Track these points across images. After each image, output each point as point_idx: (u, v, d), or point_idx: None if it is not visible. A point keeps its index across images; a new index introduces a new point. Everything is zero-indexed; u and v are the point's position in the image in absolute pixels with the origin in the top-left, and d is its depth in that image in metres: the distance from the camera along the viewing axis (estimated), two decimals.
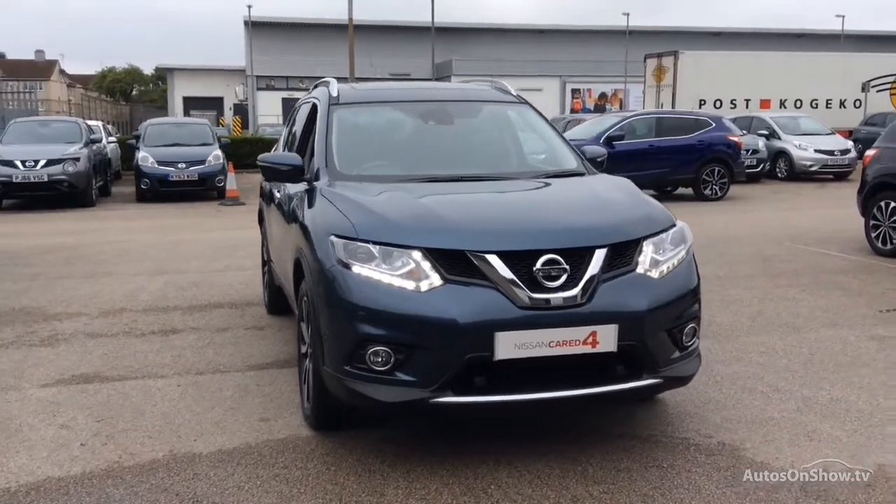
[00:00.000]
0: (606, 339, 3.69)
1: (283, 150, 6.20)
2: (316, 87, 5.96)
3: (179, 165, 16.92)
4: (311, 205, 4.39)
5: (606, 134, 15.45)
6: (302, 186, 4.75)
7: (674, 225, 4.22)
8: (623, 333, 3.71)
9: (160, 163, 16.90)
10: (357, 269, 3.73)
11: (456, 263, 3.68)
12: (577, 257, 3.74)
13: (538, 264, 3.66)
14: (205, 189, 17.01)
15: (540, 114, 5.53)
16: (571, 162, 5.09)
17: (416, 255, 3.69)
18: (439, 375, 3.60)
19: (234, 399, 4.78)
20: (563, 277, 3.68)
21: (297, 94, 51.08)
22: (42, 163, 15.41)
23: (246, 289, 7.88)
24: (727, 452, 4.01)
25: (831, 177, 20.96)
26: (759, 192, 17.94)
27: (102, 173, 18.15)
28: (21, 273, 8.89)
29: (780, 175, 20.91)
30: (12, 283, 8.33)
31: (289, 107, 52.56)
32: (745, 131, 20.28)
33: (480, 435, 4.19)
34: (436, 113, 5.34)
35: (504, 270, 3.64)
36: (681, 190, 16.88)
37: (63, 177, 15.44)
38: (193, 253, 10.26)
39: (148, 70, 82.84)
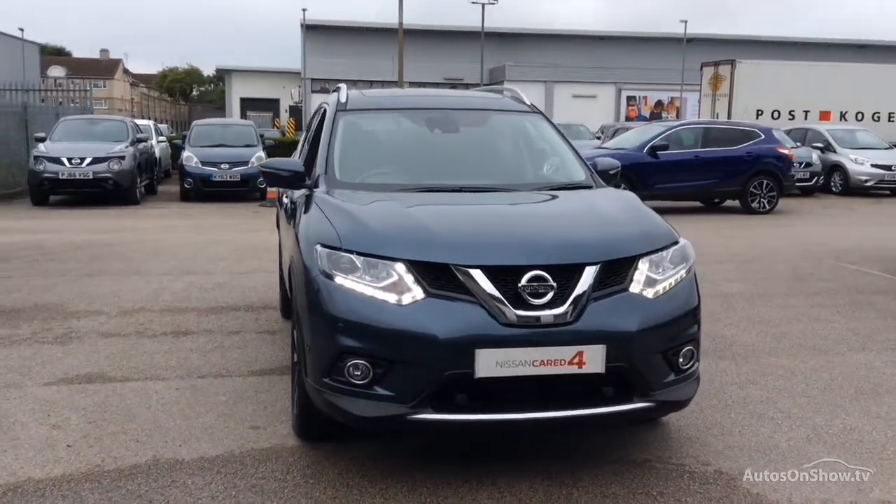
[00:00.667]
0: (594, 359, 3.55)
1: (300, 156, 6.16)
2: (333, 92, 5.91)
3: (223, 166, 17.11)
4: (305, 212, 4.33)
5: (650, 143, 15.16)
6: (302, 193, 4.70)
7: (675, 242, 4.05)
8: (611, 354, 3.56)
9: (204, 163, 17.11)
10: (340, 279, 3.65)
11: (440, 277, 3.58)
12: (566, 274, 3.60)
13: (523, 280, 3.54)
14: (247, 190, 17.13)
15: (552, 124, 5.39)
16: (580, 174, 4.95)
17: (400, 267, 3.60)
18: (418, 391, 3.50)
19: (228, 405, 4.73)
20: (550, 295, 3.55)
21: None
22: (88, 160, 15.70)
23: (267, 292, 7.87)
24: (723, 482, 3.82)
25: (888, 193, 20.29)
26: (811, 207, 17.44)
27: (148, 172, 18.43)
28: (52, 269, 9.02)
29: (834, 189, 20.30)
30: (42, 278, 8.46)
31: None
32: (798, 144, 19.80)
33: (471, 454, 4.07)
34: (442, 121, 5.24)
35: (488, 286, 3.52)
36: (729, 203, 16.50)
37: (108, 174, 15.72)
38: (224, 254, 10.31)
39: (209, 71, 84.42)
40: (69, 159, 15.65)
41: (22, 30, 54.28)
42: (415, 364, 3.51)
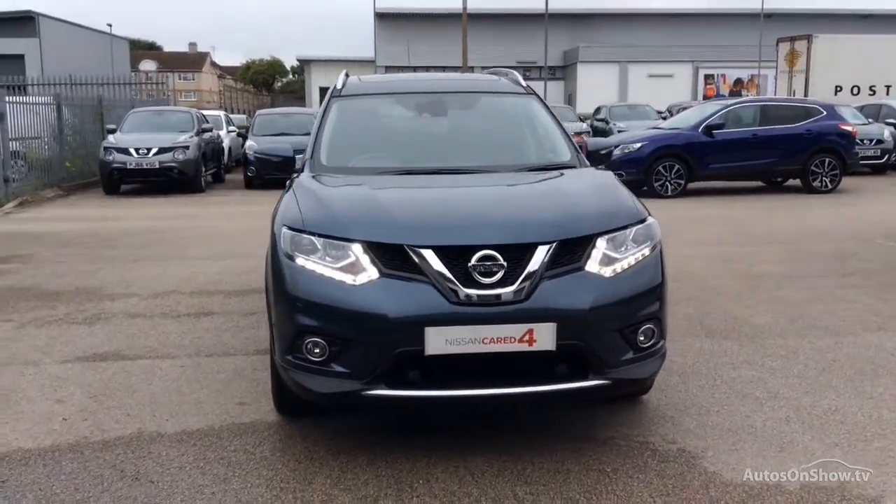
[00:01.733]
0: (544, 337, 3.60)
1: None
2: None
3: None
4: (282, 196, 4.49)
5: (706, 122, 14.86)
6: (291, 178, 4.86)
7: (641, 221, 4.05)
8: (563, 332, 3.61)
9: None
10: (301, 260, 3.79)
11: (394, 258, 3.68)
12: (518, 253, 3.66)
13: (473, 260, 3.61)
14: None
15: (545, 105, 5.40)
16: (565, 155, 4.96)
17: (357, 248, 3.71)
18: (372, 368, 3.62)
19: (224, 382, 4.95)
20: (501, 274, 3.61)
21: None
22: (154, 150, 16.29)
23: None
24: (682, 460, 3.83)
25: None
26: (878, 185, 16.81)
27: (215, 161, 18.99)
28: (102, 254, 9.47)
29: None
30: (89, 264, 8.89)
31: None
32: (870, 120, 19.09)
33: (439, 431, 4.18)
34: (431, 105, 5.32)
35: (438, 265, 3.60)
36: (792, 182, 16.05)
37: (173, 164, 16.28)
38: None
39: (291, 62, 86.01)
40: (136, 149, 16.26)
41: (110, 25, 56.24)
42: (368, 342, 3.62)
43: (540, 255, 3.66)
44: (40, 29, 52.83)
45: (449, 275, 3.59)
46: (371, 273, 3.66)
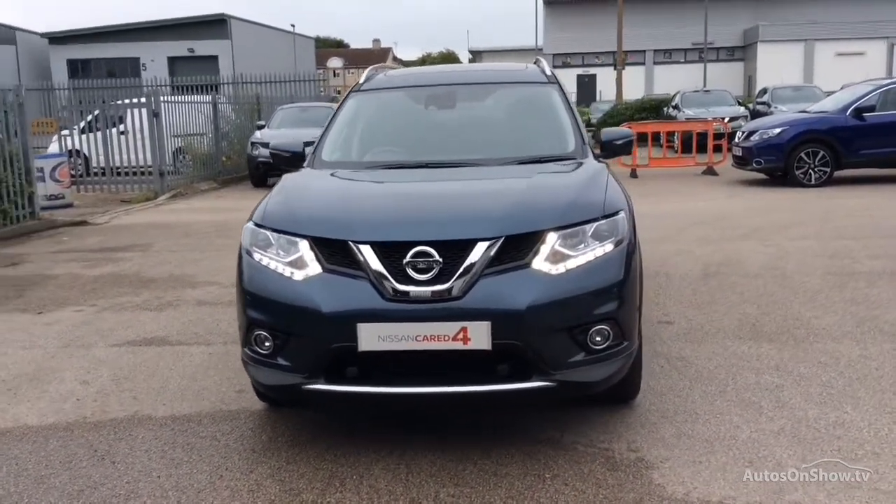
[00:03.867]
0: (478, 336, 3.51)
1: None
2: None
3: None
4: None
5: (855, 105, 13.71)
6: None
7: (607, 216, 3.85)
8: (498, 331, 3.51)
9: None
10: (257, 255, 3.89)
11: (336, 253, 3.71)
12: (455, 250, 3.59)
13: (408, 256, 3.57)
14: None
15: (563, 95, 5.19)
16: (568, 147, 4.77)
17: (304, 244, 3.77)
18: (311, 362, 3.67)
19: (237, 370, 5.10)
20: (436, 270, 3.56)
21: (591, 71, 50.83)
22: None
23: None
24: (633, 471, 3.62)
25: None
26: None
27: None
28: (212, 244, 10.07)
29: None
30: (198, 252, 9.49)
31: (583, 84, 52.65)
32: None
33: (417, 427, 4.14)
34: (441, 98, 5.27)
35: (374, 261, 3.60)
36: None
37: None
38: None
39: (466, 55, 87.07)
40: None
41: (293, 25, 59.16)
42: (306, 336, 3.68)
43: (478, 252, 3.57)
44: (231, 30, 56.39)
45: (384, 271, 3.58)
46: (314, 269, 3.71)
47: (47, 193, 14.58)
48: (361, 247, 3.64)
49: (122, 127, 17.10)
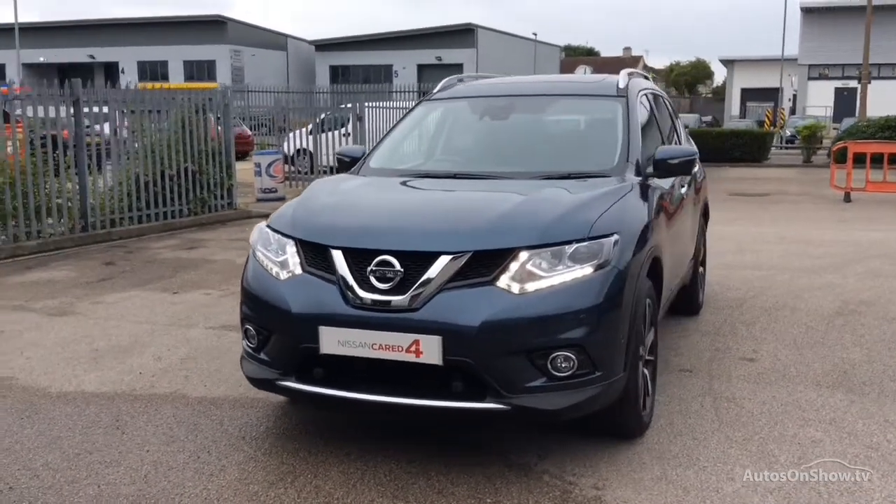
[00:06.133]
0: (430, 350, 3.48)
1: None
2: None
3: None
4: None
5: None
6: None
7: (591, 238, 3.64)
8: (450, 347, 3.46)
9: None
10: (259, 254, 4.09)
11: (316, 257, 3.82)
12: (418, 262, 3.57)
13: (372, 264, 3.61)
14: None
15: (626, 109, 4.87)
16: (609, 163, 4.52)
17: (292, 245, 3.92)
18: (285, 360, 3.81)
19: None
20: (396, 280, 3.57)
21: (850, 84, 46.90)
22: None
23: None
24: (556, 493, 3.41)
25: None
26: None
27: None
28: None
29: None
30: None
31: (841, 98, 48.58)
32: None
33: (392, 435, 4.15)
34: (495, 109, 5.19)
35: (342, 267, 3.67)
36: None
37: None
38: None
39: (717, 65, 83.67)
40: None
41: (535, 34, 59.88)
42: (280, 334, 3.83)
43: (439, 265, 3.54)
44: (478, 39, 58.07)
45: (350, 277, 3.64)
46: (295, 270, 3.85)
47: (262, 187, 15.92)
48: (334, 252, 3.72)
49: (345, 129, 18.30)
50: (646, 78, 6.34)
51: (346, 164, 5.19)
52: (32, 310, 6.87)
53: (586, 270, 3.57)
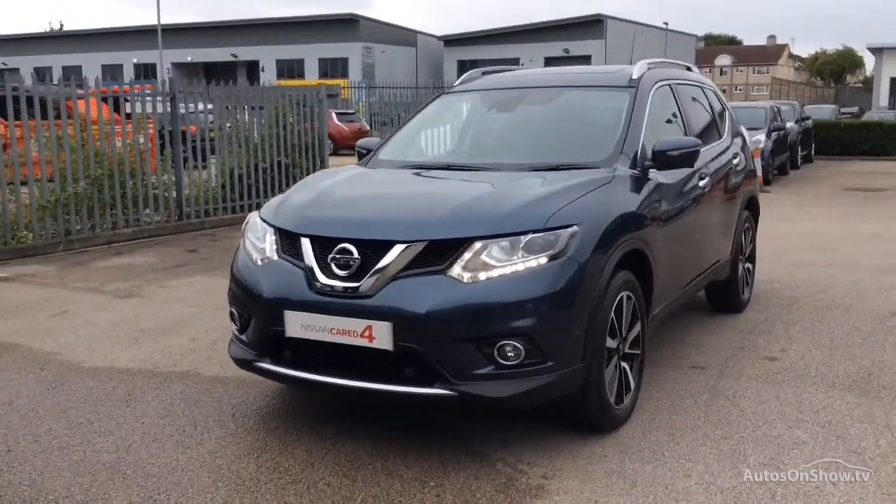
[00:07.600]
0: (381, 336, 3.59)
1: None
2: None
3: None
4: None
5: None
6: None
7: (547, 230, 3.65)
8: (399, 333, 3.56)
9: None
10: (247, 241, 4.30)
11: (289, 244, 3.99)
12: (375, 250, 3.69)
13: (333, 252, 3.75)
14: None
15: (634, 102, 4.78)
16: (601, 155, 4.47)
17: (271, 232, 4.12)
18: (259, 342, 4.01)
19: None
20: (354, 268, 3.69)
21: None
22: None
23: None
24: (518, 496, 3.42)
25: None
26: None
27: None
28: None
29: None
30: None
31: None
32: None
33: (361, 419, 4.28)
34: (503, 102, 5.21)
35: (308, 254, 3.83)
36: None
37: None
38: None
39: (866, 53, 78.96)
40: None
41: (666, 23, 58.41)
42: (254, 317, 4.02)
43: (394, 254, 3.64)
44: (607, 30, 57.20)
45: (314, 264, 3.79)
46: (272, 256, 4.04)
47: None
48: (303, 239, 3.88)
49: None
50: (688, 69, 6.19)
51: (363, 155, 5.35)
52: (103, 292, 7.40)
53: (540, 261, 3.59)
